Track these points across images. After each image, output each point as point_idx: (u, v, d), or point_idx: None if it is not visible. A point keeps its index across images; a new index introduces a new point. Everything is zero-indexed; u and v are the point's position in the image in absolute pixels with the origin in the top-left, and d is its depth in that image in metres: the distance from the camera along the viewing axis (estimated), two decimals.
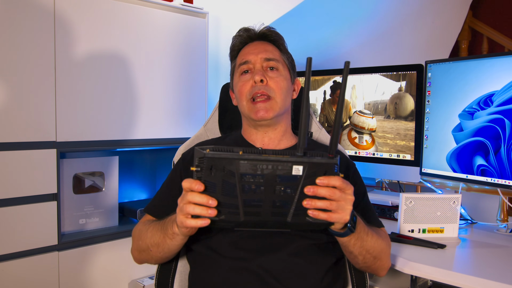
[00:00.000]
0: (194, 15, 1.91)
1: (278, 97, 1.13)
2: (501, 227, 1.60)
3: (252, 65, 1.15)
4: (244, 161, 0.80)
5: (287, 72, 1.19)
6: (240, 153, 0.80)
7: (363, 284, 1.20)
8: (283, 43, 1.22)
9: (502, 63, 1.45)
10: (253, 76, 1.13)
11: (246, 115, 1.17)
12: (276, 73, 1.15)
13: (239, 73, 1.17)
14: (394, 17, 2.83)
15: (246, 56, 1.17)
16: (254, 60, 1.15)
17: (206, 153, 0.79)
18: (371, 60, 2.77)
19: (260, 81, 1.12)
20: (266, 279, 1.01)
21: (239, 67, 1.17)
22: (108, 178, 1.77)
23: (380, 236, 1.08)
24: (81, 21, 1.57)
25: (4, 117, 1.41)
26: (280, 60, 1.18)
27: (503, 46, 3.44)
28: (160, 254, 1.05)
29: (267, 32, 1.20)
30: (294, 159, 0.81)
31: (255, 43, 1.19)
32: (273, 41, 1.20)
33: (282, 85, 1.15)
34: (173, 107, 1.87)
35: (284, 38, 1.23)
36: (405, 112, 1.76)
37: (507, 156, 1.43)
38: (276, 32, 1.22)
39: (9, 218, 1.43)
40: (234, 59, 1.22)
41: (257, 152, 0.81)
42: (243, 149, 0.81)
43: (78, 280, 1.61)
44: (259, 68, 1.14)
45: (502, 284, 1.07)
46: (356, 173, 1.21)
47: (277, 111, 1.14)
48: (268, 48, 1.18)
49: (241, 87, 1.15)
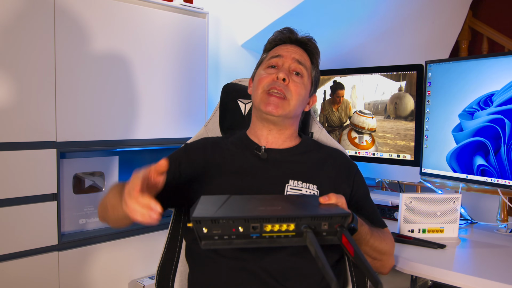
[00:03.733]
0: (194, 15, 1.91)
1: (293, 101, 1.15)
2: (501, 227, 1.60)
3: (281, 62, 1.17)
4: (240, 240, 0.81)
5: (309, 83, 1.20)
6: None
7: (363, 284, 1.20)
8: (317, 58, 1.23)
9: (502, 63, 1.45)
10: (277, 72, 1.15)
11: (256, 104, 1.17)
12: (299, 79, 1.17)
13: (266, 65, 1.19)
14: (394, 17, 2.83)
15: (280, 51, 1.19)
16: (286, 57, 1.17)
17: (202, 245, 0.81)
18: (371, 60, 2.77)
19: (282, 79, 1.14)
20: (266, 280, 1.01)
21: (270, 59, 1.19)
22: (108, 178, 1.77)
23: (382, 238, 1.09)
24: (82, 21, 1.57)
25: (4, 117, 1.41)
26: (308, 70, 1.20)
27: (503, 46, 3.44)
28: (113, 215, 1.02)
29: (308, 42, 1.22)
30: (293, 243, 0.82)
31: (292, 46, 1.21)
32: (309, 52, 1.22)
33: (300, 92, 1.16)
34: (173, 107, 1.86)
35: (320, 54, 1.24)
36: (405, 112, 1.76)
37: (507, 156, 1.43)
38: (315, 46, 1.23)
39: (9, 218, 1.43)
40: (267, 51, 1.23)
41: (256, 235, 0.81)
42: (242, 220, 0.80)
43: (78, 280, 1.61)
44: (287, 68, 1.16)
45: (502, 284, 1.07)
46: (359, 175, 1.21)
47: (286, 112, 1.15)
48: (303, 55, 1.20)
49: (263, 78, 1.17)
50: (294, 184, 1.11)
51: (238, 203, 0.90)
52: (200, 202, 0.87)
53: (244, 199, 0.96)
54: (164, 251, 1.25)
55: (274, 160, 1.15)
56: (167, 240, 1.26)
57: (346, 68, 1.93)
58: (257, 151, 1.16)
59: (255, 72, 1.24)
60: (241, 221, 0.79)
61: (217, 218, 0.79)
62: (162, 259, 1.24)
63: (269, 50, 1.23)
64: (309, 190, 1.11)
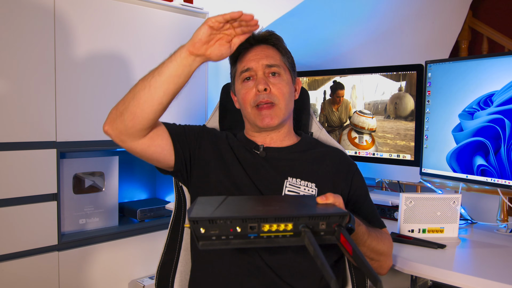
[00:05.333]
0: (194, 15, 1.91)
1: (282, 103, 1.14)
2: (501, 227, 1.59)
3: (254, 72, 1.15)
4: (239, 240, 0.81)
5: (288, 75, 1.19)
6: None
7: (363, 284, 1.20)
8: (282, 44, 1.21)
9: (502, 63, 1.44)
10: (256, 85, 1.13)
11: (251, 121, 1.17)
12: (278, 78, 1.15)
13: (241, 80, 1.17)
14: (394, 17, 2.83)
15: (248, 63, 1.16)
16: (255, 67, 1.15)
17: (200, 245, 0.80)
18: (371, 60, 2.77)
19: (263, 90, 1.12)
20: (268, 275, 1.02)
21: (241, 74, 1.17)
22: (108, 178, 1.77)
23: (380, 238, 1.09)
24: (81, 21, 1.57)
25: (4, 117, 1.41)
26: (281, 64, 1.17)
27: (503, 46, 3.44)
28: (145, 91, 1.02)
29: (267, 36, 1.19)
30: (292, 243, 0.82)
31: (255, 49, 1.18)
32: (273, 45, 1.19)
33: (285, 91, 1.15)
34: (173, 107, 1.85)
35: (283, 39, 1.22)
36: (405, 112, 1.76)
37: (507, 156, 1.43)
38: (275, 35, 1.20)
39: (9, 218, 1.43)
40: (234, 64, 1.21)
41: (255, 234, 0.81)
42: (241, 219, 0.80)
43: (78, 280, 1.61)
44: (261, 76, 1.14)
45: (502, 284, 1.07)
46: (358, 174, 1.21)
47: (282, 117, 1.15)
48: (269, 53, 1.17)
49: (245, 95, 1.15)
50: (292, 181, 1.11)
51: (236, 203, 0.90)
52: (197, 202, 0.88)
53: (241, 199, 0.96)
54: (164, 251, 1.25)
55: (273, 158, 1.16)
56: (167, 240, 1.26)
57: (346, 68, 1.93)
58: (255, 150, 1.17)
59: (233, 87, 1.22)
60: (238, 221, 0.79)
61: (214, 218, 0.78)
62: (162, 259, 1.25)
63: (235, 61, 1.20)
64: (307, 188, 1.11)
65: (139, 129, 1.03)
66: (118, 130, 1.04)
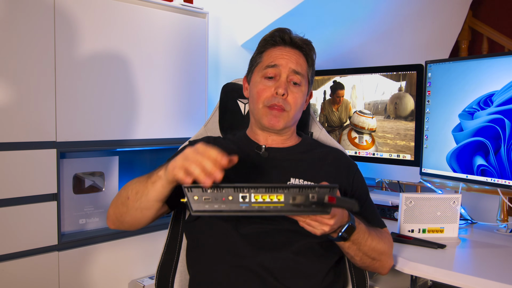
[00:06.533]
0: (194, 15, 1.91)
1: (292, 112, 1.15)
2: (501, 227, 1.60)
3: (278, 71, 1.15)
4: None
5: (306, 87, 1.19)
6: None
7: (363, 284, 1.20)
8: (312, 57, 1.21)
9: (502, 63, 1.45)
10: (276, 87, 1.14)
11: (257, 117, 1.17)
12: (297, 88, 1.16)
13: (263, 75, 1.16)
14: (394, 17, 2.83)
15: (276, 60, 1.16)
16: (283, 67, 1.15)
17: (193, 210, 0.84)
18: (371, 60, 2.77)
19: (282, 94, 1.13)
20: (265, 278, 1.02)
21: (266, 68, 1.16)
22: (108, 178, 1.77)
23: (381, 238, 1.09)
24: (81, 21, 1.57)
25: (4, 117, 1.41)
26: (305, 75, 1.18)
27: (503, 46, 3.44)
28: (136, 203, 1.01)
29: (302, 44, 1.19)
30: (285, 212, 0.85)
31: (287, 49, 1.17)
32: (305, 54, 1.19)
33: (298, 102, 1.16)
34: (173, 107, 1.87)
35: (315, 51, 1.22)
36: (405, 112, 1.76)
37: (507, 156, 1.43)
38: (310, 46, 1.21)
39: (9, 218, 1.43)
40: (260, 54, 1.20)
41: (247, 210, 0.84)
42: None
43: (78, 280, 1.61)
44: (284, 81, 1.14)
45: (502, 284, 1.07)
46: (358, 175, 1.21)
47: (287, 124, 1.16)
48: (299, 60, 1.17)
49: (261, 91, 1.15)
50: (295, 182, 1.12)
51: None
52: None
53: None
54: (164, 251, 1.25)
55: (275, 159, 1.16)
56: (167, 240, 1.26)
57: (346, 68, 1.93)
58: (257, 150, 1.17)
59: (250, 74, 1.22)
60: (230, 190, 0.84)
61: (207, 187, 0.83)
62: (162, 259, 1.24)
63: (263, 50, 1.20)
64: None
65: (144, 224, 1.09)
66: (125, 228, 1.12)
